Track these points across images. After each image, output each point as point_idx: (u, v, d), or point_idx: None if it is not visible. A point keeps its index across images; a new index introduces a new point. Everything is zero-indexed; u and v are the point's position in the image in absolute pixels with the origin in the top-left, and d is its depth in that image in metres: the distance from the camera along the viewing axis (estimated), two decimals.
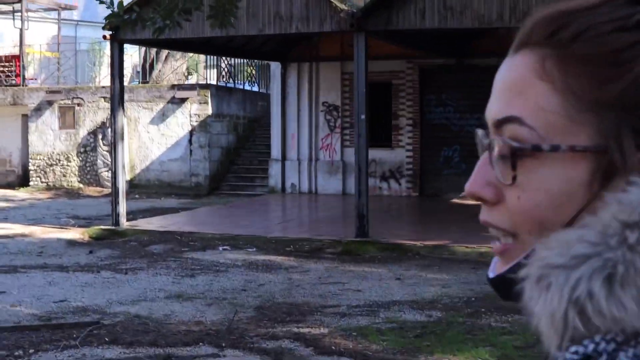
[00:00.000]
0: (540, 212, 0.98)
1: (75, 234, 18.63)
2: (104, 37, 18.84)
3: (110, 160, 22.63)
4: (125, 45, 20.00)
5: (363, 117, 16.51)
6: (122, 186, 18.75)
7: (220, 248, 16.19)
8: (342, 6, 17.01)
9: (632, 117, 0.94)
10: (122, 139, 18.98)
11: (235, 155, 28.52)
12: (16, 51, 34.33)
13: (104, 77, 36.15)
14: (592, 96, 0.95)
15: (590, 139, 0.95)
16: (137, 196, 26.15)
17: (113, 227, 18.46)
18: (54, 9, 37.84)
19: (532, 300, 0.92)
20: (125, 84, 23.56)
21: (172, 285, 12.78)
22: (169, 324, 10.33)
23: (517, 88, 1.00)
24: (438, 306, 11.28)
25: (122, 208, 18.66)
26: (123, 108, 19.26)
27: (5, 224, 20.24)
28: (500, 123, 1.01)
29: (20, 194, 28.76)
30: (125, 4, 12.74)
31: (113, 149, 18.95)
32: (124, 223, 18.68)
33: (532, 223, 0.99)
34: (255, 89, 34.55)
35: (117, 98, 18.63)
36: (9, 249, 16.81)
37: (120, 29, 17.72)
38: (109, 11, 11.78)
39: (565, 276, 0.89)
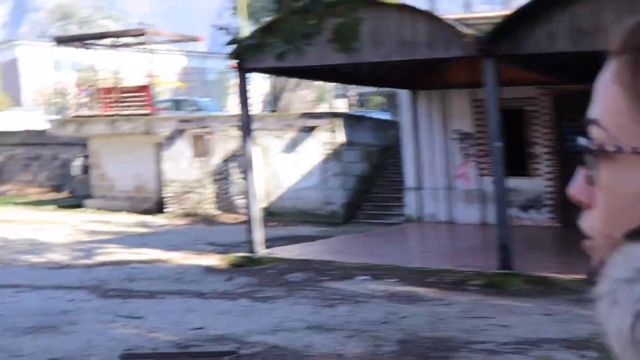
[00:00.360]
0: (613, 213, 1.00)
1: (212, 260, 18.51)
2: (230, 66, 18.80)
3: (243, 188, 22.70)
4: (256, 75, 19.92)
5: (498, 144, 15.96)
6: (256, 214, 18.57)
7: (360, 278, 15.76)
8: (468, 31, 16.51)
9: None
10: (253, 166, 18.81)
11: (370, 184, 28.14)
12: (147, 82, 34.88)
13: (234, 106, 36.52)
14: None
15: None
16: (273, 224, 25.99)
17: (250, 255, 18.27)
18: (179, 41, 38.28)
19: (604, 318, 0.92)
20: (257, 112, 23.56)
21: (311, 315, 12.40)
22: (309, 355, 9.95)
23: (599, 93, 1.04)
24: (592, 346, 10.59)
25: (258, 236, 18.47)
26: (252, 136, 19.15)
27: (144, 250, 20.32)
28: (588, 125, 1.04)
29: (158, 220, 28.98)
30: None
31: (245, 177, 18.85)
32: (261, 251, 18.49)
33: (612, 226, 1.00)
34: (385, 116, 34.24)
35: (245, 126, 18.55)
36: (147, 274, 16.79)
37: (244, 58, 17.69)
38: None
39: (629, 290, 0.88)
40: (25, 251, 20.62)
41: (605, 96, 1.03)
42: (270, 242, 19.84)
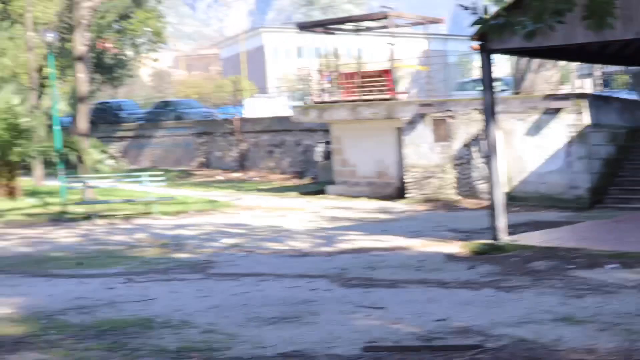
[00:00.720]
0: None
1: (454, 248, 18.23)
2: (472, 47, 18.39)
3: (485, 172, 22.36)
4: (497, 56, 19.45)
5: None
6: (499, 199, 18.13)
7: (609, 266, 15.01)
8: None
9: None
10: (496, 150, 18.35)
11: (617, 167, 27.01)
12: (388, 66, 34.83)
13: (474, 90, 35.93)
14: None
15: None
16: (515, 209, 25.41)
17: (493, 242, 17.86)
18: (421, 23, 37.89)
19: None
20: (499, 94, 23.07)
21: (558, 307, 11.85)
22: (559, 350, 9.44)
23: None
24: None
25: (501, 222, 18.03)
26: (495, 120, 18.68)
27: (385, 237, 20.28)
28: None
29: (399, 205, 28.96)
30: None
31: (488, 161, 18.41)
32: (504, 237, 18.03)
33: None
34: (632, 96, 32.89)
35: (489, 109, 18.12)
36: (388, 262, 16.68)
37: (488, 40, 17.32)
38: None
39: None
40: (268, 238, 21.06)
41: None
42: (512, 228, 19.31)
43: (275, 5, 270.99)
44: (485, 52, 18.10)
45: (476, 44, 18.08)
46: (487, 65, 18.17)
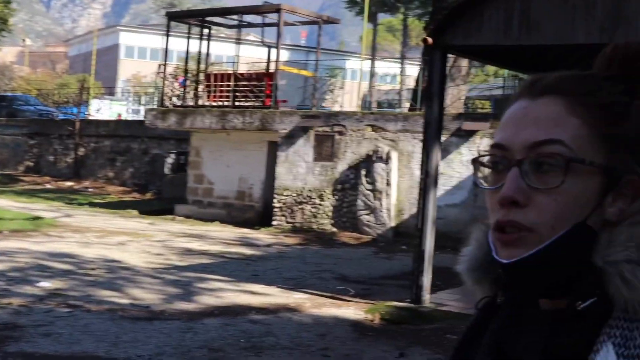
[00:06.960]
0: (568, 211, 1.27)
1: (356, 311, 13.03)
2: (425, 42, 13.09)
3: (371, 202, 20.49)
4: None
5: None
6: (430, 249, 13.09)
7: None
8: None
9: (634, 149, 1.30)
10: (436, 181, 13.32)
11: None
12: (269, 69, 29.51)
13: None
14: (606, 131, 1.30)
15: (604, 160, 1.29)
16: (403, 247, 20.82)
17: (412, 306, 12.84)
18: (315, 22, 32.09)
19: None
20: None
21: None
22: None
23: (554, 121, 1.30)
24: None
25: (427, 280, 13.02)
26: (440, 139, 13.68)
27: (258, 286, 14.77)
28: (540, 144, 1.29)
29: (262, 235, 23.75)
30: None
31: (422, 194, 13.22)
32: (427, 300, 13.05)
33: (560, 220, 1.27)
34: None
35: (434, 124, 13.06)
36: (276, 335, 11.12)
37: (447, 33, 12.51)
38: None
39: None
40: (102, 281, 14.83)
41: (566, 125, 1.30)
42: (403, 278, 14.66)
43: (132, 9, 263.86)
44: (440, 49, 12.95)
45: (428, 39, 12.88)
46: (439, 66, 13.07)
